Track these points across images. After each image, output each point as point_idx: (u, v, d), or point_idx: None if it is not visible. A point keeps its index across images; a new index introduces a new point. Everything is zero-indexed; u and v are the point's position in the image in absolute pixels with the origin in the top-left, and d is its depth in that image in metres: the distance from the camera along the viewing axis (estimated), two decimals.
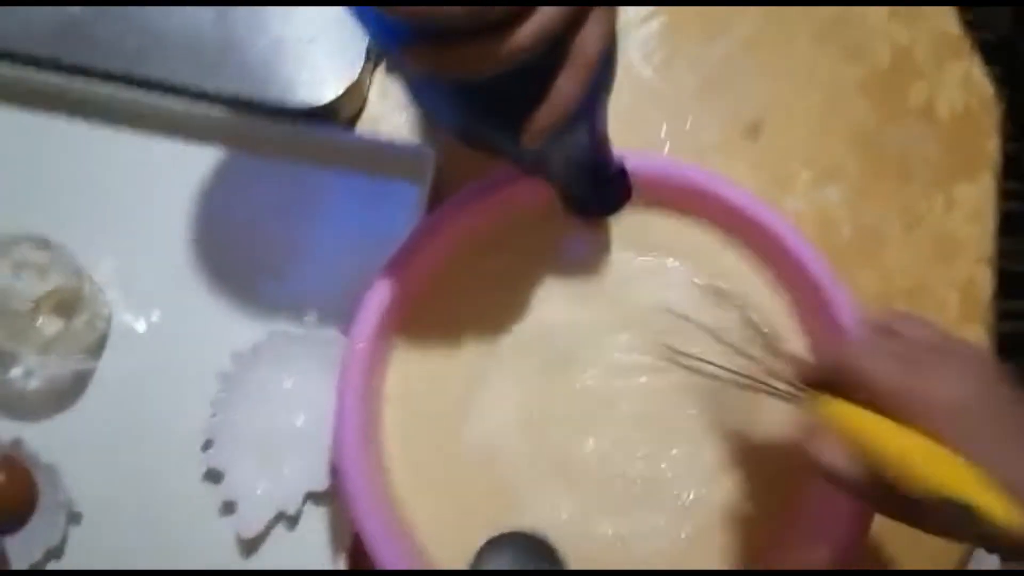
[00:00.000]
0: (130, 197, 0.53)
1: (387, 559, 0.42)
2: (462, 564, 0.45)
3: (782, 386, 0.40)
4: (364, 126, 0.57)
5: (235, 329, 0.51)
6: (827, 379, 0.38)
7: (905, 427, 0.34)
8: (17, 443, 0.47)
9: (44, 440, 0.48)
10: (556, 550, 0.45)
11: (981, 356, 0.38)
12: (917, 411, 0.34)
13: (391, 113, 0.57)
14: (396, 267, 0.46)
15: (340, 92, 0.53)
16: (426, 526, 0.46)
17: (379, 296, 0.45)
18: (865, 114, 0.60)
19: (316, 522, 0.49)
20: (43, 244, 0.46)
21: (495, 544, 0.45)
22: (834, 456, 0.36)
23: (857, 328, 0.41)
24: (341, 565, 0.47)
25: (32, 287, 0.48)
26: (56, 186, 0.53)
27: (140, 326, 0.52)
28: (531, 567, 0.44)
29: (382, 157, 0.54)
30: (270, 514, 0.48)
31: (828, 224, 0.58)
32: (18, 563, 0.46)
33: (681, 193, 0.50)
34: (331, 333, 0.51)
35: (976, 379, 0.36)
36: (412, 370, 0.48)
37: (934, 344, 0.38)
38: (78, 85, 0.52)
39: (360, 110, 0.57)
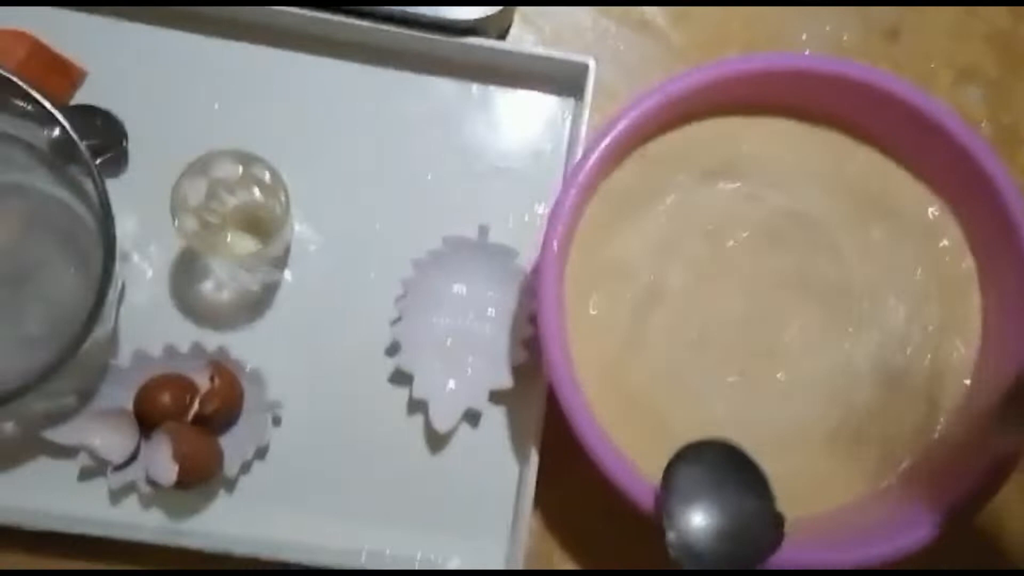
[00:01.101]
0: (300, 114, 0.55)
1: (596, 445, 0.44)
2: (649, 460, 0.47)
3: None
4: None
5: (411, 239, 0.52)
6: None
7: None
8: (223, 350, 0.49)
9: (244, 348, 0.50)
10: (750, 458, 0.42)
11: None
12: None
13: (535, 35, 0.58)
14: (584, 167, 0.47)
15: (494, 10, 0.53)
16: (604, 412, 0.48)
17: (573, 192, 0.47)
18: (1000, 14, 0.61)
19: (499, 419, 0.52)
20: (237, 158, 0.48)
21: (685, 455, 0.43)
22: None
23: None
24: (532, 459, 0.49)
25: (224, 201, 0.50)
26: (235, 103, 0.55)
27: (321, 238, 0.54)
28: (722, 476, 0.42)
29: (543, 70, 0.55)
30: (461, 409, 0.51)
31: (969, 124, 0.58)
32: (233, 460, 0.48)
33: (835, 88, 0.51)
34: (500, 242, 0.52)
35: None
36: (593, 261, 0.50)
37: None
38: (251, 9, 0.53)
39: (507, 29, 0.58)
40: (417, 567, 0.49)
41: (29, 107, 0.46)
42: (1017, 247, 0.49)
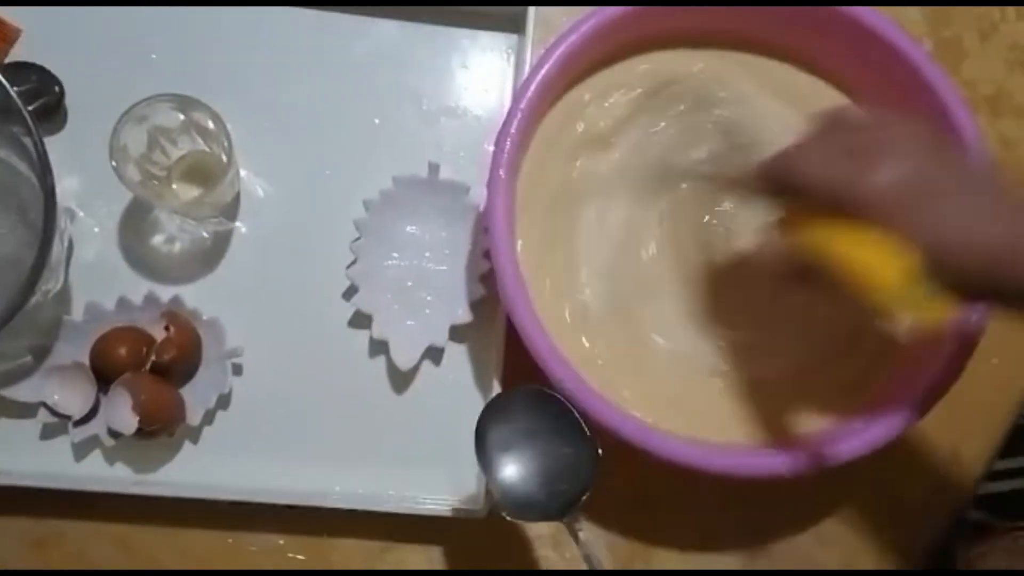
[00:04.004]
0: (241, 62, 0.54)
1: (554, 367, 0.45)
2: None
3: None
4: None
5: (362, 182, 0.52)
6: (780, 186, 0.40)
7: (840, 219, 0.37)
8: (176, 299, 0.49)
9: (200, 298, 0.50)
10: (563, 400, 0.43)
11: (926, 129, 0.38)
12: (855, 201, 0.36)
13: None
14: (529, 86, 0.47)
15: None
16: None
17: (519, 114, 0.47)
18: None
19: (461, 354, 0.53)
20: (176, 104, 0.47)
21: (495, 407, 0.43)
22: (774, 254, 0.41)
23: (808, 127, 0.41)
24: (494, 390, 0.50)
25: (168, 153, 0.50)
26: (173, 54, 0.54)
27: (270, 186, 0.53)
28: (533, 424, 0.43)
29: (485, 7, 0.55)
30: (422, 347, 0.51)
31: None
32: (195, 409, 0.48)
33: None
34: (451, 179, 0.52)
35: (917, 152, 0.37)
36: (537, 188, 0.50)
37: (883, 128, 0.38)
38: None
39: None
40: (390, 504, 0.50)
41: None
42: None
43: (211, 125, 0.48)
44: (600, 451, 0.42)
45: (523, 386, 0.44)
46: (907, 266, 0.35)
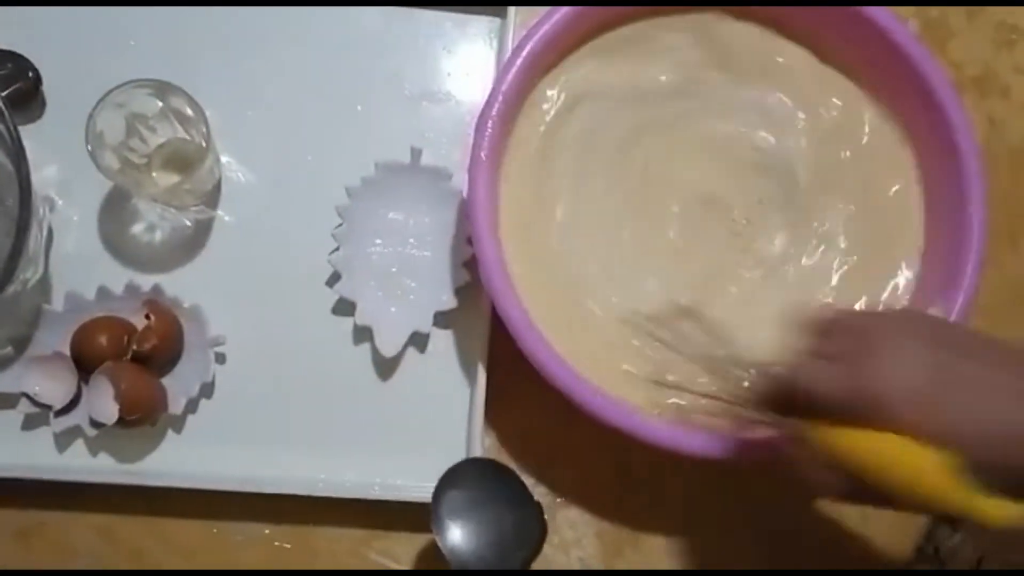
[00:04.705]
0: (222, 50, 0.54)
1: (538, 352, 0.45)
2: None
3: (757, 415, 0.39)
4: None
5: (344, 168, 0.51)
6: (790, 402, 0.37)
7: (871, 430, 0.33)
8: (157, 288, 0.49)
9: (181, 287, 0.50)
10: (511, 471, 0.46)
11: (915, 321, 0.36)
12: (873, 412, 0.33)
13: None
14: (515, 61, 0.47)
15: None
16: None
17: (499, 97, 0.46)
18: None
19: (446, 341, 0.52)
20: (153, 90, 0.46)
21: (450, 479, 0.45)
22: (816, 474, 0.36)
23: (794, 344, 0.38)
24: (480, 377, 0.50)
25: (146, 140, 0.49)
26: (151, 42, 0.53)
27: (251, 173, 0.53)
28: (482, 494, 0.45)
29: None
30: (406, 333, 0.51)
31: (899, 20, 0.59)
32: (178, 398, 0.48)
33: None
34: (434, 165, 0.52)
35: (916, 352, 0.34)
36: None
37: (868, 328, 0.36)
38: None
39: None
40: (376, 492, 0.50)
41: None
42: (950, 141, 0.49)
43: (189, 111, 0.47)
44: (545, 516, 0.46)
45: (475, 457, 0.48)
46: (948, 464, 0.31)
